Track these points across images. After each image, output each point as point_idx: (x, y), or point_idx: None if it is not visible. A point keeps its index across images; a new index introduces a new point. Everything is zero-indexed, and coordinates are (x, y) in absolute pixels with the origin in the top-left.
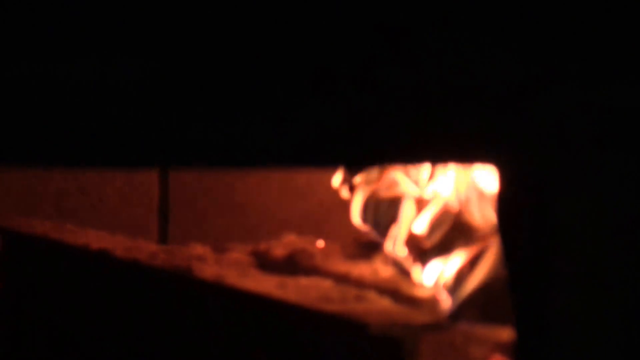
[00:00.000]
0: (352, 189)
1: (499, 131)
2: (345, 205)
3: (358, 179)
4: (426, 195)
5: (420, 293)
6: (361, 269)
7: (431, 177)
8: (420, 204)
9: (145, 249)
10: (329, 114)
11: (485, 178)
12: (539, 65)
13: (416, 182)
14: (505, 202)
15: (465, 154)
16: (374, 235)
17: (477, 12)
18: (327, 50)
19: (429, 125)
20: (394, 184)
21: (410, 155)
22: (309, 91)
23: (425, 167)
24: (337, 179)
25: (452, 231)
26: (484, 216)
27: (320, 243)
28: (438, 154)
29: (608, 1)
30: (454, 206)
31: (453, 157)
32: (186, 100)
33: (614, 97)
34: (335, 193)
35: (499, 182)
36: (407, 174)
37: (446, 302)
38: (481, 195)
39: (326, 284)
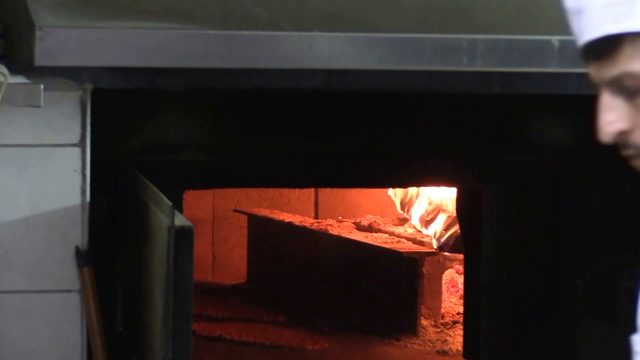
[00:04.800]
0: (395, 195)
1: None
2: (393, 203)
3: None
4: (427, 195)
5: (426, 239)
6: (399, 230)
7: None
8: (424, 199)
9: (308, 221)
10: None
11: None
12: None
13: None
14: (462, 204)
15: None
16: (406, 215)
17: None
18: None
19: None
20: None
21: (423, 180)
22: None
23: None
24: (390, 190)
25: (438, 212)
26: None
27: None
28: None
29: None
30: (440, 201)
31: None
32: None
33: None
34: (389, 197)
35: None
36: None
37: (436, 243)
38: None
39: (385, 236)
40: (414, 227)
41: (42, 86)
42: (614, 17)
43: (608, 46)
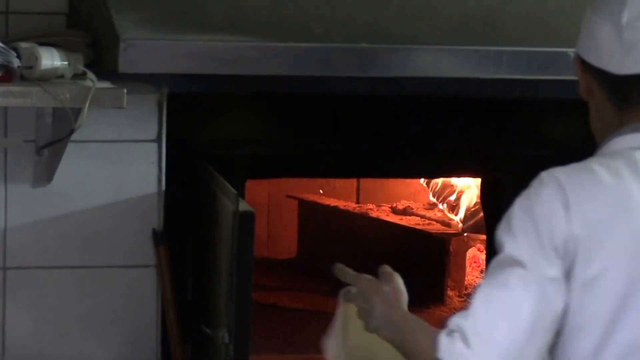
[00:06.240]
0: (427, 184)
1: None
2: (425, 190)
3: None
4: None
5: (452, 221)
6: (430, 213)
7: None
8: (451, 188)
9: (350, 205)
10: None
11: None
12: None
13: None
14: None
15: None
16: (435, 201)
17: None
18: None
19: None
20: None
21: (452, 171)
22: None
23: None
24: (421, 180)
25: (464, 199)
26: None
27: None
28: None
29: None
30: (467, 192)
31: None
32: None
33: None
34: (421, 185)
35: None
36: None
37: (461, 225)
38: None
39: (416, 218)
40: (443, 211)
41: (125, 90)
42: None
43: None
